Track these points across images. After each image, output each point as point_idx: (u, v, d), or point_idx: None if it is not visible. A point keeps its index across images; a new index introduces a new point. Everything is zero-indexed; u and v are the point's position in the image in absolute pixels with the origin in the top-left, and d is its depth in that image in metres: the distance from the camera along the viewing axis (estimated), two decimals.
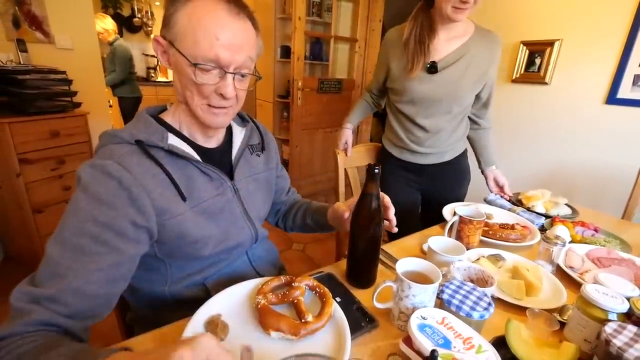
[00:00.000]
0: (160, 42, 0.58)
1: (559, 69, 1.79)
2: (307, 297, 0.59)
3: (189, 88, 0.57)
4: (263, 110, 3.23)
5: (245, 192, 0.70)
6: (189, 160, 0.60)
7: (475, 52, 1.05)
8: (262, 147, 0.78)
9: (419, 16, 1.05)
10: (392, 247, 0.84)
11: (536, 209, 1.08)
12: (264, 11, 2.89)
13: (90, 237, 0.47)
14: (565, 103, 1.80)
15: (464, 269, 0.66)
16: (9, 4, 1.75)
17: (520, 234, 0.86)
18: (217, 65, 0.54)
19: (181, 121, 0.64)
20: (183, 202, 0.58)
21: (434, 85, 1.06)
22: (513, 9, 1.91)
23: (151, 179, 0.54)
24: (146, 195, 0.52)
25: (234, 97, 0.59)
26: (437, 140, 1.16)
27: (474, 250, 0.80)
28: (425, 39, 1.03)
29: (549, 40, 1.78)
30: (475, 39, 1.06)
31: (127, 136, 0.56)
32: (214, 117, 0.60)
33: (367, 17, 2.90)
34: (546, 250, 0.74)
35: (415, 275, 0.58)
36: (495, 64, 1.10)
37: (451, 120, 1.13)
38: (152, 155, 0.56)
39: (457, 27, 1.04)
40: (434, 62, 1.05)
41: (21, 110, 1.61)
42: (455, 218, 0.82)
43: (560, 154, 1.86)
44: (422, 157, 1.19)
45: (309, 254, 2.15)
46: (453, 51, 1.05)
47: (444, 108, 1.10)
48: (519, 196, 1.18)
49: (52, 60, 1.90)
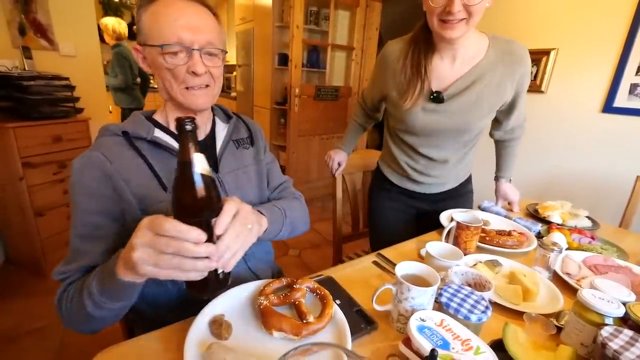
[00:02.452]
0: (138, 49, 0.64)
1: (555, 78, 1.83)
2: (308, 299, 0.60)
3: (166, 78, 0.61)
4: (260, 116, 3.27)
5: (233, 185, 0.72)
6: (172, 153, 0.64)
7: (491, 74, 0.88)
8: (250, 141, 0.80)
9: (418, 37, 0.90)
10: (390, 252, 0.85)
11: (552, 220, 1.06)
12: (262, 20, 2.95)
13: (92, 226, 0.58)
14: (561, 112, 1.83)
15: (462, 273, 0.67)
16: (15, 12, 1.79)
17: (517, 241, 0.87)
18: (181, 45, 0.58)
19: (168, 117, 0.68)
20: (164, 192, 0.62)
21: (439, 116, 0.91)
22: (509, 19, 1.96)
23: (132, 169, 0.60)
24: (125, 185, 0.59)
25: (207, 73, 0.63)
26: (443, 170, 1.03)
27: (471, 255, 0.81)
28: (422, 62, 0.88)
29: (545, 49, 1.82)
30: (490, 57, 0.88)
31: (115, 129, 0.63)
32: (195, 98, 0.63)
33: (363, 25, 2.97)
34: (543, 256, 0.75)
35: (414, 278, 0.59)
36: (517, 77, 0.90)
37: (459, 150, 1.00)
38: (136, 147, 0.62)
39: (466, 48, 0.87)
40: (438, 91, 0.89)
41: (25, 115, 1.65)
42: (452, 224, 0.84)
43: (556, 162, 1.88)
44: (424, 187, 1.07)
45: (305, 260, 2.15)
46: (462, 76, 0.88)
47: (451, 138, 0.96)
48: (535, 206, 1.17)
49: (56, 66, 1.93)
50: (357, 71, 3.12)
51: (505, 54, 0.88)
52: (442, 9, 0.76)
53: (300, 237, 2.32)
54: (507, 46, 0.89)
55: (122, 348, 0.50)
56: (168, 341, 0.52)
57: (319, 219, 2.75)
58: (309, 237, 2.41)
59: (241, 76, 3.70)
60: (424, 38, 0.88)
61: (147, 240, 0.40)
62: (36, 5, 1.85)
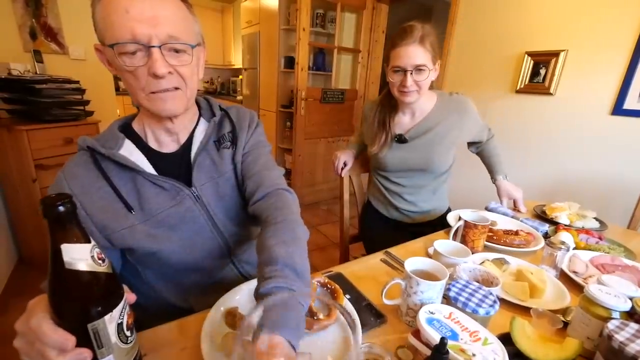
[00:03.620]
0: (98, 48, 0.55)
1: (564, 80, 1.81)
2: (319, 293, 0.62)
3: (129, 82, 0.53)
4: (266, 120, 3.29)
5: (211, 197, 0.64)
6: (137, 172, 0.58)
7: (442, 120, 1.10)
8: (232, 138, 0.68)
9: (384, 100, 1.15)
10: (398, 250, 0.86)
11: (559, 220, 1.06)
12: (268, 22, 2.98)
13: None
14: (570, 114, 1.81)
15: (470, 270, 0.68)
16: (26, 16, 1.83)
17: (524, 240, 0.88)
18: (136, 42, 0.49)
19: (145, 126, 0.62)
20: (130, 212, 0.57)
21: (405, 152, 1.13)
22: (518, 20, 1.95)
23: (92, 193, 0.55)
24: (83, 211, 0.54)
25: (173, 74, 0.53)
26: (418, 195, 1.19)
27: (478, 254, 0.82)
28: (386, 117, 1.13)
29: (554, 50, 1.80)
30: (439, 107, 1.12)
31: (83, 143, 0.57)
32: (162, 103, 0.55)
33: (370, 28, 2.98)
34: (550, 255, 0.76)
35: (423, 273, 0.60)
36: (468, 122, 1.13)
37: (432, 180, 1.18)
38: (100, 165, 0.56)
39: (420, 104, 1.10)
40: (401, 134, 1.12)
41: (37, 118, 1.68)
42: (460, 223, 0.85)
43: (565, 164, 1.87)
44: (406, 217, 1.21)
45: (311, 262, 2.14)
46: (418, 123, 1.12)
47: (420, 169, 1.14)
48: (543, 207, 1.17)
49: (66, 70, 1.97)
50: (363, 74, 3.14)
51: (447, 102, 1.13)
52: (399, 84, 1.02)
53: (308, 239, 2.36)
54: (450, 97, 1.14)
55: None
56: (185, 331, 0.54)
57: (324, 221, 2.76)
58: (314, 240, 2.42)
59: (247, 79, 3.73)
60: (388, 101, 1.14)
61: (24, 330, 0.35)
62: (47, 9, 1.89)
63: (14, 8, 1.79)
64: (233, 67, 4.94)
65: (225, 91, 5.28)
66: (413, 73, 0.98)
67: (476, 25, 2.16)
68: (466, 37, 2.23)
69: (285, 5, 2.77)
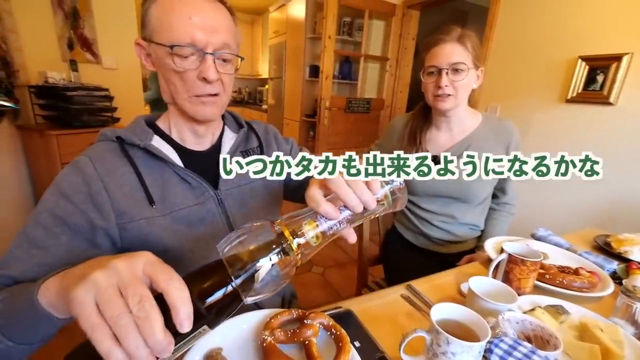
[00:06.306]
0: (141, 44, 0.57)
1: (627, 88, 1.57)
2: (321, 337, 0.51)
3: (173, 81, 0.56)
4: (289, 129, 3.26)
5: (233, 204, 0.65)
6: (167, 163, 0.58)
7: (484, 142, 0.99)
8: (260, 151, 0.72)
9: (418, 113, 1.06)
10: (423, 284, 0.72)
11: (631, 257, 0.86)
12: (294, 32, 2.97)
13: (43, 228, 0.49)
14: (635, 126, 1.57)
15: (517, 322, 0.53)
16: (65, 28, 1.94)
17: (587, 282, 0.69)
18: (193, 47, 0.53)
19: (171, 124, 0.63)
20: (150, 206, 0.56)
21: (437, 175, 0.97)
22: (570, 21, 1.74)
23: (117, 177, 0.55)
24: (105, 193, 0.53)
25: (218, 81, 0.57)
26: (451, 225, 1.05)
27: (526, 297, 0.65)
28: (418, 131, 1.03)
29: (614, 54, 1.58)
30: (484, 129, 1.00)
31: (110, 134, 0.58)
32: (203, 107, 0.58)
33: (399, 35, 2.88)
34: (626, 306, 0.59)
35: (455, 325, 0.47)
36: (509, 146, 0.99)
37: (469, 211, 1.04)
38: (127, 154, 0.57)
39: (459, 119, 1.00)
40: (435, 155, 0.98)
41: (67, 124, 1.76)
42: (503, 256, 0.69)
43: (628, 185, 1.60)
44: (439, 245, 1.08)
45: (329, 279, 2.03)
46: (457, 142, 1.00)
47: (453, 198, 1.02)
48: (606, 239, 0.96)
49: (98, 78, 2.05)
50: (390, 83, 3.03)
51: (496, 126, 1.01)
52: (434, 85, 0.92)
53: (326, 254, 2.22)
54: (498, 121, 1.03)
55: None
56: None
57: None
58: (334, 255, 2.30)
59: (273, 89, 3.75)
60: (422, 114, 1.05)
61: (123, 270, 0.28)
62: (84, 21, 2.00)
63: (55, 20, 1.90)
64: (260, 77, 5.04)
65: (252, 100, 5.42)
66: (449, 72, 0.89)
67: (518, 28, 1.98)
68: (507, 42, 2.06)
69: (311, 14, 2.75)
